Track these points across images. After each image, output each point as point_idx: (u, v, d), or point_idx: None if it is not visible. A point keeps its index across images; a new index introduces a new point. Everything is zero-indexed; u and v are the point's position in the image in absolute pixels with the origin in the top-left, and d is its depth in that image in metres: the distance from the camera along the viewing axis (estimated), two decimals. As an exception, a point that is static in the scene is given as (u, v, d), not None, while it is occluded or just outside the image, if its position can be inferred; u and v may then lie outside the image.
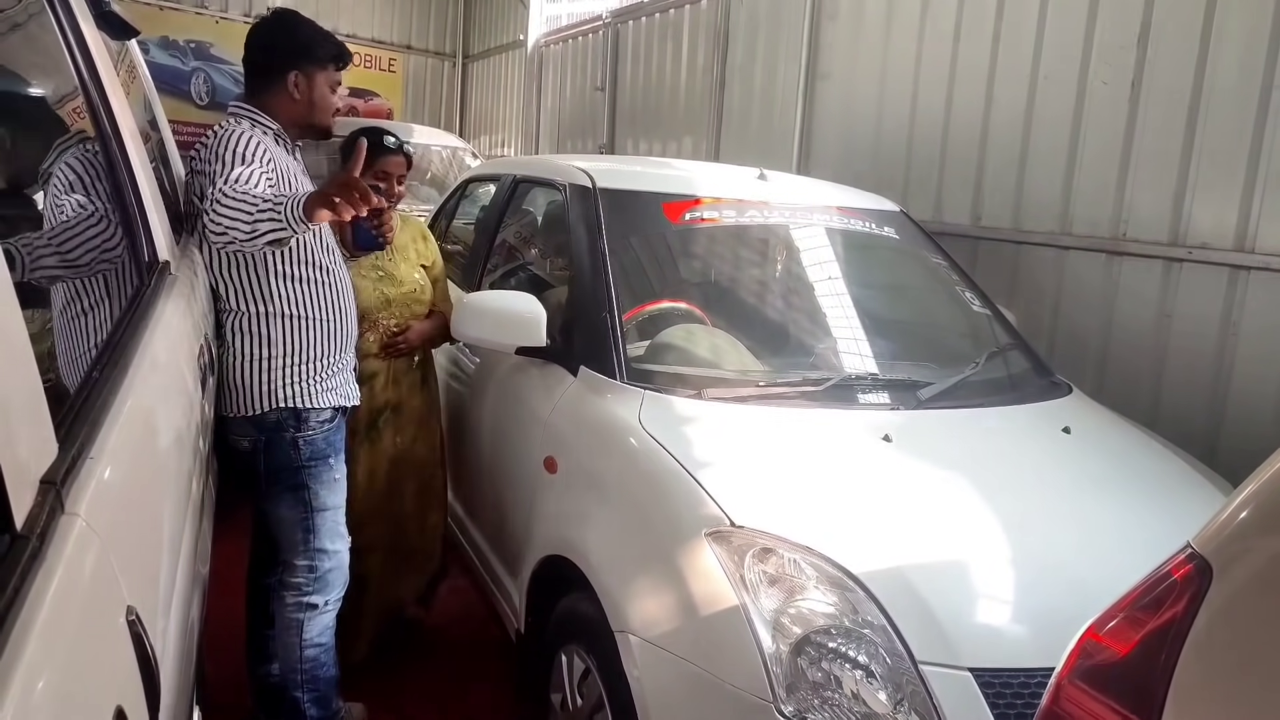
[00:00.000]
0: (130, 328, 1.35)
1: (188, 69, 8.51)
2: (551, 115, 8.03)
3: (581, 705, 1.90)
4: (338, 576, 2.16)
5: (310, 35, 2.15)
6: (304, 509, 2.09)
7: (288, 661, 2.13)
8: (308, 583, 2.12)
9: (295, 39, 2.13)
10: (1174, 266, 3.09)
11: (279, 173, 2.03)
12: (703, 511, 1.70)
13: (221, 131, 2.01)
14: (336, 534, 2.15)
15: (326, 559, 2.13)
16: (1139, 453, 2.29)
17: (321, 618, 2.15)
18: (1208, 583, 0.86)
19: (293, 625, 2.12)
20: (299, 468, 2.08)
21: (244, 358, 2.04)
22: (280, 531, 2.12)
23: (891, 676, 1.48)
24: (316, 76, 2.14)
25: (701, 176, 2.95)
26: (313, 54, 2.13)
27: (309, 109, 2.15)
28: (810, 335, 2.56)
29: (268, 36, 2.15)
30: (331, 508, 2.13)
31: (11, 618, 0.64)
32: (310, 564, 2.11)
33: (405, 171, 2.52)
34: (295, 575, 2.12)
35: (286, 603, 2.12)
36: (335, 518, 2.15)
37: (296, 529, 2.09)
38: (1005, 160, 3.68)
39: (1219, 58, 2.94)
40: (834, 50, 4.66)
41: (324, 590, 2.14)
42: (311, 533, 2.10)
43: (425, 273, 2.64)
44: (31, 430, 0.79)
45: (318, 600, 2.13)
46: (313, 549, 2.11)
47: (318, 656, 2.15)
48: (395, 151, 2.47)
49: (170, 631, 1.14)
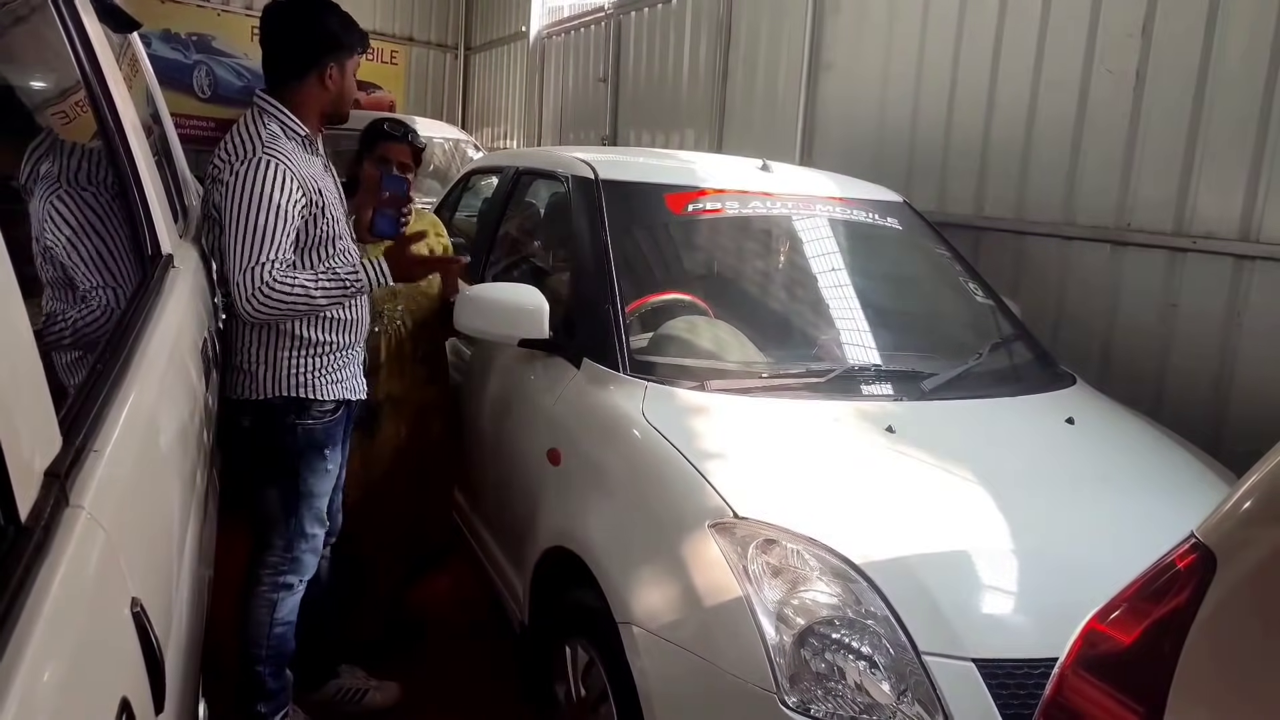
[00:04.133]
0: (134, 321, 1.35)
1: (190, 62, 8.49)
2: (554, 107, 8.01)
3: (586, 696, 1.91)
4: (311, 559, 2.19)
5: (341, 21, 2.09)
6: (291, 494, 2.10)
7: (254, 638, 2.14)
8: (284, 562, 2.14)
9: (327, 26, 2.06)
10: (1178, 256, 3.08)
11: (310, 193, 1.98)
12: (706, 503, 1.70)
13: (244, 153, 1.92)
14: (317, 520, 2.17)
15: (304, 542, 2.15)
16: (1143, 443, 2.29)
17: (293, 598, 2.17)
18: (1211, 573, 0.85)
19: (265, 604, 2.13)
20: (294, 453, 2.08)
21: (251, 344, 2.05)
22: (264, 509, 2.13)
23: (895, 667, 1.48)
24: (347, 65, 2.10)
25: (704, 168, 2.95)
26: (345, 42, 2.09)
27: (339, 99, 2.12)
28: (813, 326, 2.55)
29: (296, 26, 2.06)
30: (318, 495, 2.15)
31: (16, 609, 0.65)
32: (286, 544, 2.13)
33: (408, 159, 2.54)
34: (271, 554, 2.13)
35: (263, 582, 2.13)
36: (319, 504, 2.16)
37: (279, 510, 2.11)
38: (1009, 150, 3.67)
39: (1224, 45, 2.92)
40: (837, 40, 4.64)
41: (298, 571, 2.16)
42: (294, 516, 2.11)
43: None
44: (35, 423, 0.80)
45: (293, 580, 2.15)
46: (293, 531, 2.12)
47: (284, 634, 2.17)
48: (397, 139, 2.50)
49: (175, 623, 1.14)
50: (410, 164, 2.55)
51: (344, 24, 2.09)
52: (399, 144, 2.52)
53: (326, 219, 2.04)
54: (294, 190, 1.94)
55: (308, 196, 1.98)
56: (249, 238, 1.87)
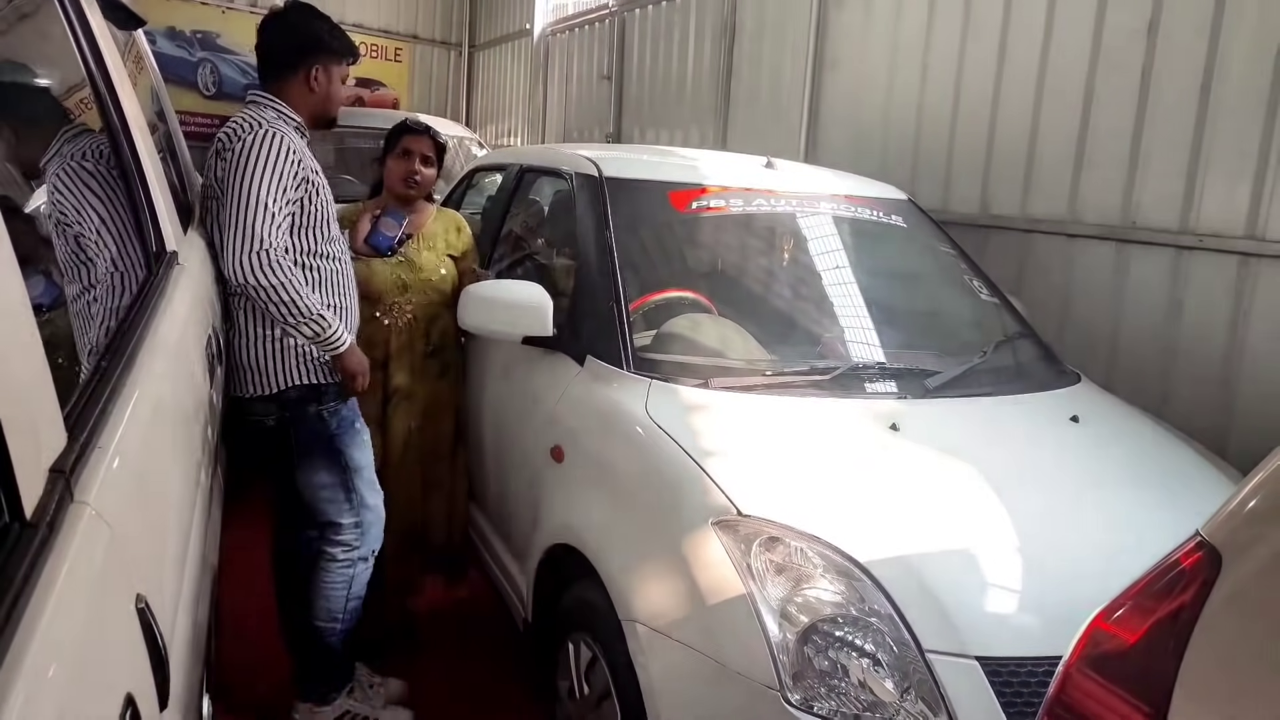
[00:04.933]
0: (138, 317, 1.36)
1: (194, 59, 8.50)
2: (558, 104, 8.01)
3: (589, 693, 1.91)
4: (378, 528, 2.30)
5: (327, 29, 2.22)
6: (342, 471, 2.20)
7: (330, 613, 2.25)
8: (355, 538, 2.24)
9: (313, 33, 2.19)
10: (1184, 254, 3.07)
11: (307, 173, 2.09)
12: (709, 500, 1.70)
13: (252, 126, 2.04)
14: (373, 488, 2.28)
15: (369, 512, 2.26)
16: (1148, 441, 2.28)
17: (366, 571, 2.29)
18: (1216, 571, 0.85)
19: (340, 581, 2.24)
20: (331, 435, 2.18)
21: (257, 339, 2.10)
22: (321, 496, 2.20)
23: (898, 665, 1.48)
24: (333, 70, 2.22)
25: (708, 165, 2.94)
26: (331, 48, 2.21)
27: (325, 101, 2.24)
28: (817, 324, 2.55)
29: (286, 30, 2.20)
30: (365, 465, 2.25)
31: (22, 605, 0.65)
32: (356, 520, 2.23)
33: (429, 151, 2.65)
34: (342, 534, 2.23)
35: (338, 559, 2.23)
36: (369, 474, 2.27)
37: (339, 490, 2.20)
38: (1014, 148, 3.66)
39: (1230, 44, 2.91)
40: (842, 38, 4.64)
41: (370, 541, 2.28)
42: (353, 491, 2.22)
43: (453, 264, 2.70)
44: (41, 420, 0.80)
45: (366, 552, 2.27)
46: (356, 505, 2.23)
47: (358, 607, 2.29)
48: (419, 132, 2.65)
49: (180, 619, 1.14)
50: (432, 157, 2.66)
51: (331, 31, 2.23)
52: (421, 136, 2.64)
53: (321, 199, 2.13)
54: (295, 162, 2.05)
55: (306, 175, 2.08)
56: (252, 201, 1.95)
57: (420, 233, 2.66)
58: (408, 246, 2.61)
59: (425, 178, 2.64)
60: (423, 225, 2.68)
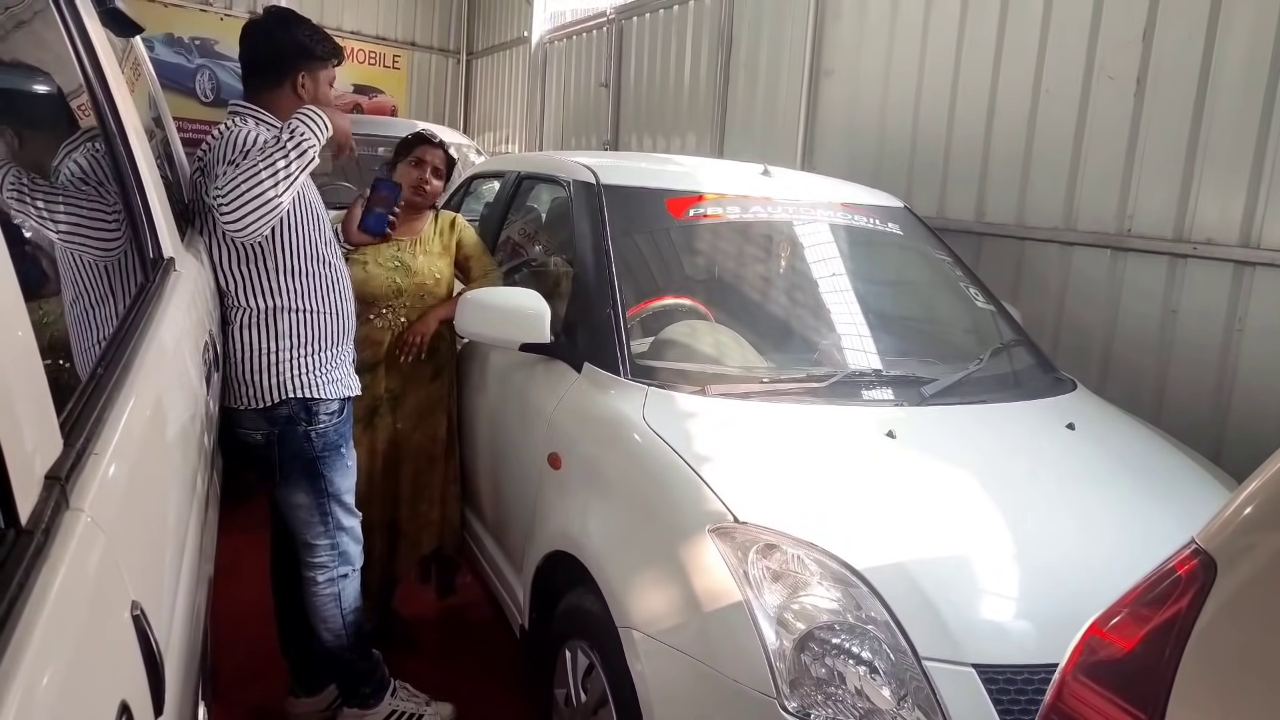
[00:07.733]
0: (135, 323, 1.35)
1: (192, 66, 8.51)
2: (556, 112, 8.02)
3: (585, 701, 1.91)
4: (356, 546, 2.29)
5: (310, 33, 2.19)
6: (320, 495, 2.19)
7: (333, 631, 2.26)
8: (332, 559, 2.24)
9: (295, 40, 2.16)
10: (1179, 262, 3.08)
11: None
12: (706, 507, 1.70)
13: (227, 132, 2.03)
14: (350, 512, 2.28)
15: (344, 535, 2.25)
16: (1143, 449, 2.28)
17: (352, 584, 2.29)
18: (1212, 579, 0.85)
19: (330, 599, 2.24)
20: (314, 458, 2.16)
21: (252, 351, 2.08)
22: (298, 516, 2.20)
23: (895, 672, 1.48)
24: (319, 74, 2.20)
25: (705, 173, 2.95)
26: (315, 53, 2.18)
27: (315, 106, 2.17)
28: (814, 331, 2.55)
29: (269, 36, 2.17)
30: (345, 491, 2.24)
31: (16, 613, 0.65)
32: (332, 542, 2.23)
33: (441, 164, 2.71)
34: (318, 555, 2.22)
35: (319, 581, 2.23)
36: (348, 499, 2.26)
37: (314, 513, 2.19)
38: (1009, 155, 3.67)
39: (1225, 51, 2.92)
40: (838, 46, 4.65)
41: (349, 561, 2.27)
42: (329, 515, 2.21)
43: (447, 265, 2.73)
44: (36, 426, 0.80)
45: (346, 570, 2.26)
46: (331, 529, 2.22)
47: (356, 619, 2.30)
48: (435, 144, 2.71)
49: (176, 626, 1.14)
50: (443, 170, 2.72)
51: (313, 36, 2.19)
52: (436, 149, 2.71)
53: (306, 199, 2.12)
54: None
55: None
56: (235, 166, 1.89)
57: (416, 237, 2.68)
58: (403, 250, 2.63)
59: (434, 188, 2.70)
60: (420, 231, 2.70)
